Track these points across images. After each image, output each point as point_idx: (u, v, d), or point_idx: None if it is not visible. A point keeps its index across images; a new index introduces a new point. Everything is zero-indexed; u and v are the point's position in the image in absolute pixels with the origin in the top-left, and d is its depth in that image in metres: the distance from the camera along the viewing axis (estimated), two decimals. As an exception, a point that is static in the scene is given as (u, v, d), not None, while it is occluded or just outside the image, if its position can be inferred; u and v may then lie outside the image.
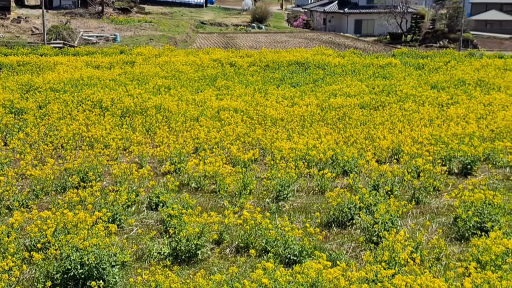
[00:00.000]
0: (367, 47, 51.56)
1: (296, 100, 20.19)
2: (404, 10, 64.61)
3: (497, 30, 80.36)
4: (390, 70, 28.20)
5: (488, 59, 31.95)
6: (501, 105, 18.53)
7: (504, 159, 13.30)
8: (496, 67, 28.24)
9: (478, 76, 25.02)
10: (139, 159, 13.50)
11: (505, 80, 23.98)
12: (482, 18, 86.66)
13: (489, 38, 69.99)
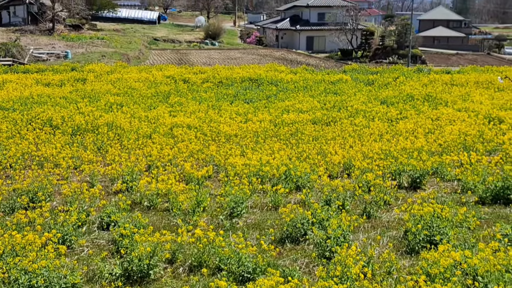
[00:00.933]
0: (319, 63, 52.27)
1: (250, 116, 20.29)
2: (354, 27, 65.90)
3: (444, 46, 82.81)
4: (341, 86, 28.64)
5: (436, 74, 32.85)
6: (448, 120, 19.04)
7: (451, 172, 13.64)
8: (444, 82, 29.03)
9: (426, 91, 25.67)
10: (90, 178, 13.29)
11: (452, 95, 24.67)
12: (430, 34, 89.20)
13: (436, 54, 71.98)
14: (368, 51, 64.79)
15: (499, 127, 17.67)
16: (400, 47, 62.61)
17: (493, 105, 21.58)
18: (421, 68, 38.64)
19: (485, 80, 28.71)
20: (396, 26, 67.09)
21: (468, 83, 28.52)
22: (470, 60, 62.75)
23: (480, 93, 25.30)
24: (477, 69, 36.52)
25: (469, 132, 16.69)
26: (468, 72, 34.75)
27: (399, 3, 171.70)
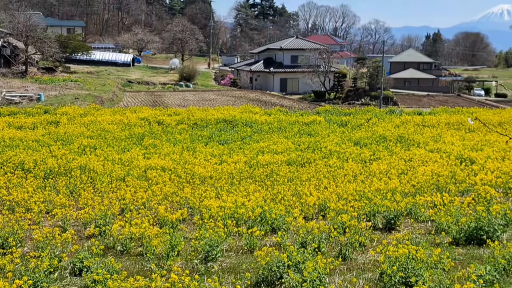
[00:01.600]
0: (293, 104, 52.77)
1: (225, 157, 20.30)
2: (327, 69, 66.88)
3: (415, 88, 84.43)
4: (315, 127, 28.91)
5: (408, 115, 33.39)
6: (421, 161, 19.26)
7: (425, 213, 13.73)
8: (415, 123, 29.49)
9: (398, 132, 26.02)
10: (63, 222, 13.06)
11: (424, 136, 25.05)
12: (401, 76, 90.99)
13: (408, 95, 73.26)
14: (341, 93, 65.65)
15: (471, 167, 17.92)
16: (372, 88, 63.64)
17: (465, 146, 21.93)
18: (393, 110, 39.25)
19: (456, 121, 29.25)
20: (367, 68, 68.31)
21: (440, 124, 29.02)
22: (441, 102, 63.96)
23: (451, 134, 25.74)
24: (448, 110, 37.22)
25: (441, 173, 16.89)
26: (439, 113, 35.40)
27: (370, 46, 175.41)
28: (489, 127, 5.76)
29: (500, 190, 15.54)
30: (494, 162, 18.25)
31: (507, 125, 28.60)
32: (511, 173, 16.55)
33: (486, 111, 36.01)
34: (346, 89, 66.29)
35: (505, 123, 29.21)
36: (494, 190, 14.90)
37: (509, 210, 12.82)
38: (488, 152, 20.02)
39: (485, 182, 15.60)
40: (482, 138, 23.81)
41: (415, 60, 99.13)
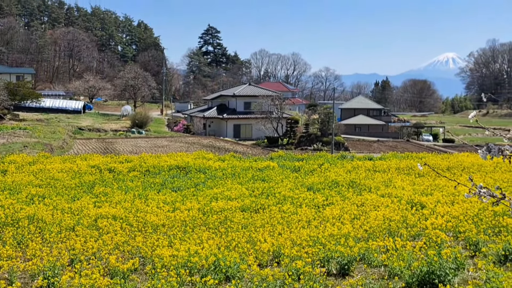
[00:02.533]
0: (246, 150, 52.95)
1: (178, 205, 20.07)
2: (280, 116, 67.71)
3: (365, 134, 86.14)
4: (268, 173, 29.01)
5: (359, 161, 33.90)
6: (372, 206, 19.48)
7: (378, 258, 13.82)
8: (366, 168, 29.94)
9: (350, 177, 26.35)
10: (9, 274, 12.57)
11: (375, 181, 25.42)
12: (352, 122, 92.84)
13: (358, 141, 74.60)
14: (293, 139, 66.35)
15: (421, 212, 18.22)
16: (324, 134, 64.58)
17: (415, 191, 22.34)
18: (345, 155, 39.81)
19: (406, 166, 29.84)
20: (319, 114, 69.46)
21: (390, 169, 29.54)
22: (390, 147, 65.32)
23: (401, 179, 26.21)
24: (398, 156, 37.99)
25: (393, 217, 17.10)
26: (389, 158, 36.07)
27: (321, 93, 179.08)
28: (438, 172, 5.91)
29: (450, 234, 15.81)
30: (444, 206, 18.62)
31: (455, 170, 29.33)
32: (461, 217, 16.88)
33: (434, 156, 36.90)
34: (299, 135, 67.09)
35: (453, 167, 29.95)
36: (444, 234, 15.15)
37: (459, 254, 13.04)
38: (438, 197, 20.43)
39: (435, 226, 15.86)
40: (431, 183, 24.33)
41: (365, 107, 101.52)
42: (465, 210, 17.66)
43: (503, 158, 3.70)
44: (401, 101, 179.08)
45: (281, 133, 67.51)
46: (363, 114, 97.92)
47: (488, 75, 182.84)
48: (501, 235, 15.12)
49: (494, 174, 26.81)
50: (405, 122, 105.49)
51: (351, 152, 51.81)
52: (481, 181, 24.45)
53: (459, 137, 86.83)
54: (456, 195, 20.53)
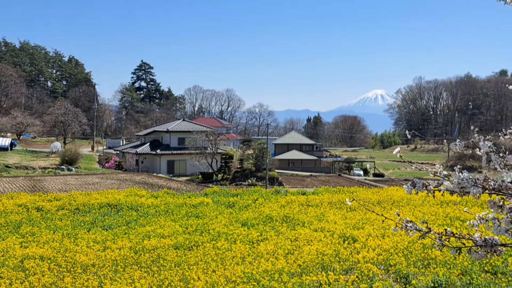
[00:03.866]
0: (180, 186, 52.39)
1: (109, 243, 19.55)
2: (214, 151, 67.64)
3: (298, 169, 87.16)
4: (202, 209, 28.79)
5: (292, 196, 34.21)
6: (306, 240, 19.61)
7: (312, 292, 13.85)
8: (300, 203, 30.22)
9: (284, 212, 26.50)
10: None
11: (308, 216, 25.66)
12: (285, 157, 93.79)
13: (292, 175, 75.30)
14: (228, 174, 66.30)
15: (353, 246, 18.47)
16: (258, 169, 64.89)
17: (347, 225, 22.67)
18: (279, 190, 40.09)
19: (338, 201, 30.32)
20: (253, 149, 69.87)
21: (323, 203, 29.93)
22: (323, 181, 66.24)
23: (334, 213, 26.58)
24: (330, 190, 38.59)
25: (326, 251, 17.25)
26: (322, 193, 36.58)
27: (256, 128, 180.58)
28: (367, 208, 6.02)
29: (381, 267, 16.07)
30: (375, 240, 18.96)
31: (385, 204, 30.02)
32: (391, 250, 17.22)
33: (365, 190, 37.69)
34: (233, 170, 67.12)
35: (383, 201, 30.65)
36: (376, 267, 15.39)
37: (390, 287, 13.25)
38: (369, 230, 20.80)
39: (367, 259, 16.10)
40: (363, 217, 24.77)
41: (298, 142, 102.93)
42: (396, 243, 18.05)
43: (427, 193, 3.81)
44: (332, 137, 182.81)
45: (216, 168, 67.36)
46: (296, 149, 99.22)
47: (415, 111, 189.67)
48: (430, 267, 15.51)
49: (422, 207, 27.60)
50: (336, 157, 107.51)
51: (285, 187, 52.21)
52: (410, 214, 25.11)
53: (388, 172, 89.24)
54: (387, 228, 20.97)
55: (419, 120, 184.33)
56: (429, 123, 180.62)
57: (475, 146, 3.77)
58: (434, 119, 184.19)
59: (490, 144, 3.61)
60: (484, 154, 3.64)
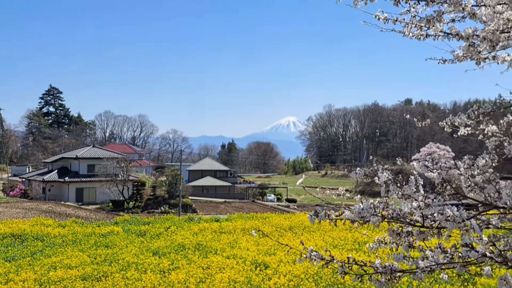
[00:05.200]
0: (90, 215, 50.83)
1: (11, 276, 18.59)
2: (125, 178, 66.27)
3: (212, 195, 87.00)
4: (112, 238, 28.01)
5: (206, 223, 33.98)
6: (218, 268, 19.48)
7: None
8: (213, 230, 30.05)
9: (197, 240, 26.25)
10: None
11: (221, 243, 25.54)
12: (199, 184, 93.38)
13: (206, 202, 75.00)
14: (140, 201, 65.12)
15: (265, 272, 18.53)
16: (172, 196, 64.16)
17: (259, 251, 22.73)
18: (192, 217, 39.75)
19: (251, 227, 30.41)
20: (167, 176, 69.09)
21: (236, 230, 29.92)
22: (237, 208, 66.35)
23: (247, 239, 26.60)
24: (243, 216, 38.66)
25: (238, 279, 17.19)
26: (235, 219, 36.59)
27: (169, 155, 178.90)
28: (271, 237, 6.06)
29: (292, 293, 16.19)
30: (286, 266, 19.10)
31: (297, 229, 30.40)
32: (302, 275, 17.40)
33: (278, 216, 38.05)
34: (146, 197, 66.01)
35: (295, 227, 31.02)
36: (287, 293, 15.48)
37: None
38: (280, 256, 20.94)
39: (278, 286, 16.18)
40: (274, 243, 24.94)
41: (212, 168, 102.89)
42: (306, 268, 18.26)
43: (329, 222, 3.87)
44: (246, 163, 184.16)
45: (127, 196, 65.97)
46: (211, 176, 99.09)
47: (326, 138, 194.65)
48: (339, 292, 15.78)
49: (332, 232, 28.15)
50: (250, 183, 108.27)
51: (198, 214, 51.85)
52: (321, 239, 25.57)
53: (301, 197, 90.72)
54: (298, 254, 21.19)
55: (329, 146, 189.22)
56: (339, 150, 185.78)
57: (374, 174, 3.88)
58: (344, 145, 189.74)
59: (388, 173, 3.73)
60: (382, 184, 3.75)
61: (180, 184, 61.90)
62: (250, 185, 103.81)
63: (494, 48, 5.18)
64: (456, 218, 3.26)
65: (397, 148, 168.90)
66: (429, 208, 3.36)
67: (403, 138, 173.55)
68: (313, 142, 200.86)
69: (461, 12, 4.94)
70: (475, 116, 6.75)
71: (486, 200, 3.97)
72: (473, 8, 4.83)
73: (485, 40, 4.81)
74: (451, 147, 72.22)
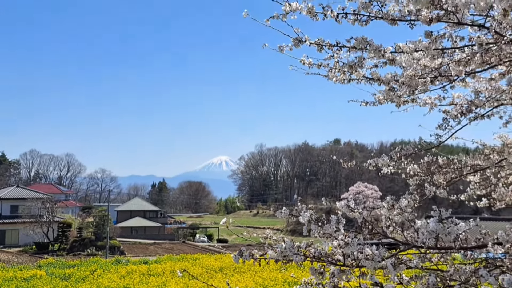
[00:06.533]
0: (11, 258, 48.69)
1: None
2: (51, 219, 64.08)
3: (142, 236, 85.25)
4: (35, 282, 26.86)
5: (134, 265, 33.18)
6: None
7: None
8: (141, 273, 29.36)
9: (124, 283, 25.55)
10: None
11: (149, 286, 24.97)
12: (128, 225, 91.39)
13: (135, 244, 73.34)
14: (65, 244, 62.95)
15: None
16: (99, 238, 62.43)
17: (189, 293, 22.37)
18: (120, 259, 38.74)
19: (180, 269, 29.88)
20: (94, 217, 67.31)
21: (165, 272, 29.34)
22: (167, 249, 65.21)
23: (176, 282, 26.10)
24: (173, 258, 38.04)
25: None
26: (164, 261, 35.94)
27: (97, 195, 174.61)
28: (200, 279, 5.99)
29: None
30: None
31: (227, 270, 30.16)
32: (232, 317, 17.20)
33: (208, 257, 37.67)
34: (72, 239, 63.91)
35: (225, 268, 30.77)
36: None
37: None
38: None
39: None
40: (203, 285, 24.60)
41: (142, 209, 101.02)
42: (236, 310, 18.07)
43: (253, 262, 3.86)
44: (177, 202, 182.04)
45: (52, 238, 63.66)
46: (140, 216, 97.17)
47: (258, 177, 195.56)
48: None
49: (263, 273, 28.10)
50: (181, 223, 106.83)
51: (126, 256, 50.54)
52: (251, 280, 25.46)
53: (232, 237, 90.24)
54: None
55: (261, 185, 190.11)
56: (270, 189, 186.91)
57: (298, 214, 3.92)
58: (275, 184, 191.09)
59: (311, 212, 3.78)
60: (306, 223, 3.79)
61: (108, 225, 60.37)
62: (181, 225, 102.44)
63: (414, 92, 5.41)
64: (375, 257, 3.33)
65: (326, 187, 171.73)
66: (348, 246, 3.42)
67: (332, 177, 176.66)
68: (245, 181, 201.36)
69: (381, 58, 5.14)
70: (397, 158, 6.99)
71: (406, 239, 4.09)
72: (393, 54, 5.04)
73: (403, 84, 5.02)
74: (378, 186, 74.01)
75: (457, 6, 3.99)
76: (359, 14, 4.47)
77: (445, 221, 3.57)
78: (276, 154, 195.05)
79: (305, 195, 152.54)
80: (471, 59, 4.50)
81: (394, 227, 4.29)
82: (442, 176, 6.72)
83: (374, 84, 5.45)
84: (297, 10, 4.45)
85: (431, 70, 4.81)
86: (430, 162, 6.85)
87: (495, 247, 3.66)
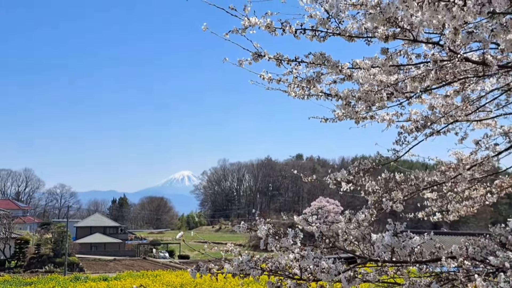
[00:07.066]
0: (-34, 276, 47.21)
1: None
2: (7, 236, 62.59)
3: (101, 252, 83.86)
4: (-11, 301, 26.15)
5: (93, 282, 32.59)
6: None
7: None
8: (101, 290, 28.88)
9: (82, 300, 25.07)
10: None
11: (109, 303, 24.56)
12: (87, 241, 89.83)
13: (94, 260, 72.08)
14: (23, 261, 61.49)
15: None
16: (57, 255, 61.21)
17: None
18: (79, 276, 38.04)
19: (140, 285, 29.50)
20: (52, 233, 66.01)
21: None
22: (127, 266, 64.28)
23: (136, 298, 25.73)
24: (133, 275, 37.51)
25: None
26: (124, 278, 35.40)
27: (56, 211, 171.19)
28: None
29: None
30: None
31: (188, 287, 29.88)
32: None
33: (169, 274, 37.25)
34: (29, 256, 62.47)
35: (186, 284, 30.47)
36: None
37: None
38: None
39: None
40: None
41: (102, 225, 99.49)
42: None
43: (210, 276, 3.85)
44: (138, 218, 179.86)
45: (9, 255, 62.13)
46: (100, 232, 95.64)
47: (220, 192, 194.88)
48: None
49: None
50: (142, 239, 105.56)
51: (86, 273, 49.63)
52: (213, 296, 25.27)
53: (194, 253, 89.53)
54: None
55: (223, 200, 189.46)
56: (233, 204, 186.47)
57: (256, 228, 3.93)
58: (238, 199, 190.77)
59: (268, 227, 3.79)
60: (263, 237, 3.80)
61: (67, 241, 59.22)
62: (142, 241, 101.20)
63: (370, 108, 5.48)
64: (331, 270, 3.35)
65: (289, 202, 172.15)
66: (304, 259, 3.44)
67: (295, 192, 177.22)
68: (208, 196, 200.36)
69: (339, 74, 5.19)
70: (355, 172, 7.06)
71: (363, 253, 4.12)
72: (351, 70, 5.10)
73: (360, 100, 5.09)
74: (340, 201, 74.51)
75: (412, 24, 4.07)
76: (317, 30, 4.52)
77: (400, 234, 3.62)
78: (239, 169, 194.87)
79: (267, 210, 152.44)
80: (426, 75, 4.59)
81: (352, 240, 4.32)
82: (400, 192, 6.82)
83: (332, 100, 5.50)
84: (256, 25, 4.48)
85: (387, 86, 4.88)
86: (387, 179, 6.94)
87: (449, 260, 3.72)
